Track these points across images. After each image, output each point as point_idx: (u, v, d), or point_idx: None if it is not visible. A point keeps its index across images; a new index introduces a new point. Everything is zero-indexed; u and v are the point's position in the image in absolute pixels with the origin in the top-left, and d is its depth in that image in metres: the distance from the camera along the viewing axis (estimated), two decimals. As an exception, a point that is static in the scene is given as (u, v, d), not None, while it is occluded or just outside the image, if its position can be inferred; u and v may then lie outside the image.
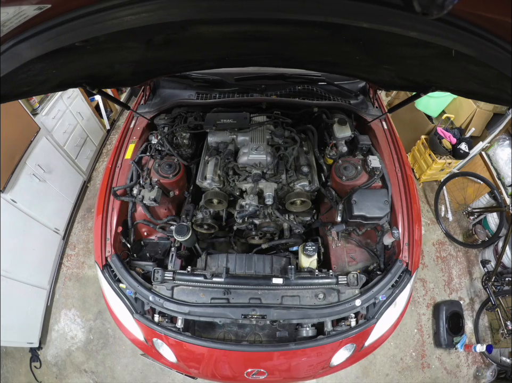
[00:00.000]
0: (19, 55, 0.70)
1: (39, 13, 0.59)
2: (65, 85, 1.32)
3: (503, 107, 2.97)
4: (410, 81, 1.48)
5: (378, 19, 0.64)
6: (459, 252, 3.25)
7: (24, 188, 2.45)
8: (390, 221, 1.69)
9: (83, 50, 0.90)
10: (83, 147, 3.34)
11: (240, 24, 0.92)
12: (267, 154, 1.71)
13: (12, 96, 1.05)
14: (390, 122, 2.08)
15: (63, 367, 2.59)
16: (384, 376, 2.61)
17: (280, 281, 1.46)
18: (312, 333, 1.49)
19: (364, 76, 1.74)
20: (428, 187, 3.67)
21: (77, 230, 3.22)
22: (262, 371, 1.52)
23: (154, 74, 1.73)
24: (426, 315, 2.87)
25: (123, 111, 4.32)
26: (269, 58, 1.47)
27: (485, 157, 3.19)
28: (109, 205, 1.68)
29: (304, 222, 1.86)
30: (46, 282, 2.73)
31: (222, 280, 1.46)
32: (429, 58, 1.03)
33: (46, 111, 2.73)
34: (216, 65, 1.55)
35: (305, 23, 0.88)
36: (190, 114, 2.02)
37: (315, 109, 2.00)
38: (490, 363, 2.73)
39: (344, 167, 1.78)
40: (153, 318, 1.47)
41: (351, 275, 1.50)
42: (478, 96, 1.28)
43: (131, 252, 1.72)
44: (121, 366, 2.57)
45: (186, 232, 1.49)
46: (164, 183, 1.79)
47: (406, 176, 1.76)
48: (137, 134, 1.96)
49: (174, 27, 0.90)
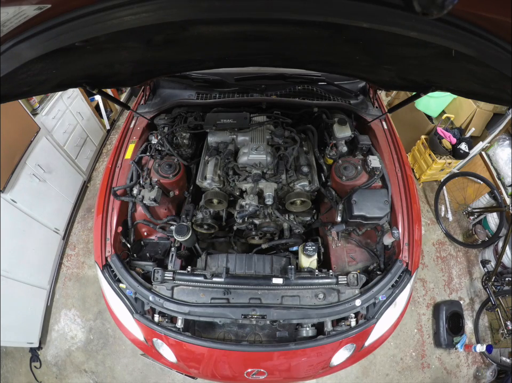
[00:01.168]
0: (19, 55, 0.70)
1: (39, 13, 0.59)
2: (65, 85, 1.32)
3: (503, 107, 2.97)
4: (410, 81, 1.48)
5: (378, 19, 0.64)
6: (459, 252, 3.25)
7: (24, 188, 2.45)
8: (390, 221, 1.70)
9: (83, 50, 0.90)
10: (83, 147, 3.34)
11: (240, 24, 0.92)
12: (267, 154, 1.71)
13: (12, 96, 1.05)
14: (390, 122, 2.08)
15: (63, 367, 2.59)
16: (383, 376, 2.61)
17: (280, 281, 1.46)
18: (312, 333, 1.49)
19: (364, 76, 1.75)
20: (428, 187, 3.67)
21: (77, 230, 3.22)
22: (262, 371, 1.52)
23: (154, 74, 1.73)
24: (426, 315, 2.87)
25: (123, 111, 4.32)
26: (269, 58, 1.47)
27: (485, 157, 3.19)
28: (109, 205, 1.68)
29: (304, 222, 1.86)
30: (46, 282, 2.73)
31: (222, 280, 1.46)
32: (429, 58, 1.03)
33: (46, 111, 2.73)
34: (216, 65, 1.55)
35: (305, 23, 0.88)
36: (190, 114, 2.02)
37: (315, 109, 2.00)
38: (490, 363, 2.73)
39: (344, 167, 1.78)
40: (153, 318, 1.47)
41: (351, 275, 1.50)
42: (478, 96, 1.28)
43: (131, 252, 1.72)
44: (121, 366, 2.57)
45: (186, 232, 1.49)
46: (164, 183, 1.79)
47: (406, 176, 1.76)
48: (137, 134, 1.96)
49: (174, 27, 0.90)
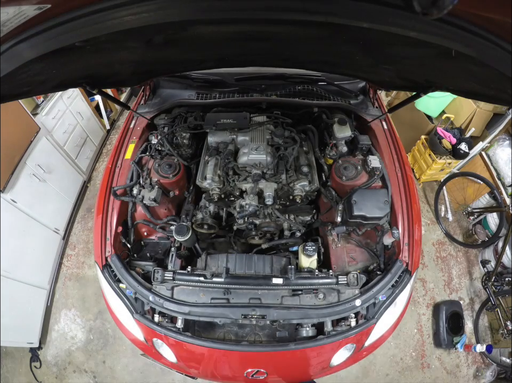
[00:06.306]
0: (19, 55, 0.70)
1: (39, 13, 0.59)
2: (65, 85, 1.32)
3: (503, 107, 2.96)
4: (410, 81, 1.48)
5: (378, 19, 0.65)
6: (459, 252, 3.25)
7: (24, 188, 2.45)
8: (390, 221, 1.69)
9: (83, 50, 0.90)
10: (83, 147, 3.34)
11: (240, 24, 0.92)
12: (267, 154, 1.71)
13: (12, 95, 1.05)
14: (390, 122, 2.08)
15: (63, 367, 2.59)
16: (383, 376, 2.61)
17: (280, 281, 1.46)
18: (312, 333, 1.49)
19: (364, 76, 1.75)
20: (428, 187, 3.67)
21: (77, 230, 3.22)
22: (262, 371, 1.52)
23: (154, 74, 1.73)
24: (426, 315, 2.87)
25: (123, 111, 4.32)
26: (269, 58, 1.47)
27: (485, 157, 3.19)
28: (109, 205, 1.68)
29: (304, 222, 1.86)
30: (46, 282, 2.73)
31: (222, 280, 1.46)
32: (429, 58, 1.03)
33: (46, 111, 2.73)
34: (216, 65, 1.55)
35: (305, 23, 0.88)
36: (190, 114, 2.02)
37: (315, 109, 2.00)
38: (490, 363, 2.73)
39: (344, 167, 1.78)
40: (153, 318, 1.47)
41: (351, 275, 1.50)
42: (478, 96, 1.27)
43: (131, 252, 1.72)
44: (121, 366, 2.57)
45: (186, 232, 1.49)
46: (164, 183, 1.79)
47: (406, 176, 1.76)
48: (137, 134, 1.96)
49: (174, 27, 0.90)
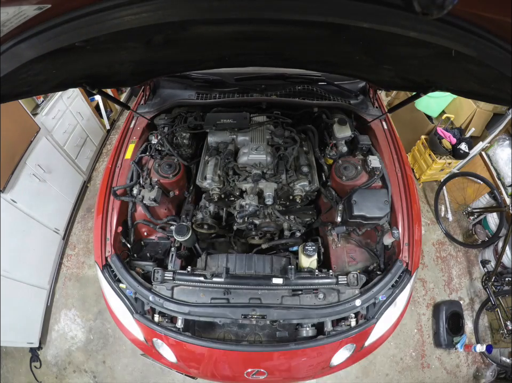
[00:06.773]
0: (19, 55, 0.70)
1: (39, 13, 0.59)
2: (65, 85, 1.32)
3: (503, 107, 2.97)
4: (410, 81, 1.48)
5: (378, 19, 0.65)
6: (459, 252, 3.25)
7: (24, 188, 2.45)
8: (390, 221, 1.69)
9: (83, 50, 0.90)
10: (83, 147, 3.34)
11: (240, 24, 0.92)
12: (267, 154, 1.71)
13: (12, 96, 1.05)
14: (390, 122, 2.08)
15: (63, 367, 2.59)
16: (383, 376, 2.61)
17: (280, 281, 1.46)
18: (312, 333, 1.49)
19: (364, 76, 1.75)
20: (428, 187, 3.67)
21: (77, 230, 3.22)
22: (262, 371, 1.52)
23: (154, 74, 1.73)
24: (426, 315, 2.86)
25: (123, 111, 4.32)
26: (269, 58, 1.47)
27: (485, 157, 3.19)
28: (109, 205, 1.68)
29: (304, 222, 1.86)
30: (46, 282, 2.73)
31: (222, 280, 1.46)
32: (429, 58, 1.03)
33: (46, 111, 2.73)
34: (216, 65, 1.55)
35: (305, 23, 0.88)
36: (190, 114, 2.02)
37: (315, 109, 2.00)
38: (490, 363, 2.73)
39: (344, 167, 1.78)
40: (153, 318, 1.47)
41: (351, 275, 1.50)
42: (478, 96, 1.27)
43: (131, 252, 1.72)
44: (121, 366, 2.57)
45: (186, 232, 1.49)
46: (164, 183, 1.79)
47: (406, 176, 1.76)
48: (137, 134, 1.96)
49: (174, 27, 0.90)
